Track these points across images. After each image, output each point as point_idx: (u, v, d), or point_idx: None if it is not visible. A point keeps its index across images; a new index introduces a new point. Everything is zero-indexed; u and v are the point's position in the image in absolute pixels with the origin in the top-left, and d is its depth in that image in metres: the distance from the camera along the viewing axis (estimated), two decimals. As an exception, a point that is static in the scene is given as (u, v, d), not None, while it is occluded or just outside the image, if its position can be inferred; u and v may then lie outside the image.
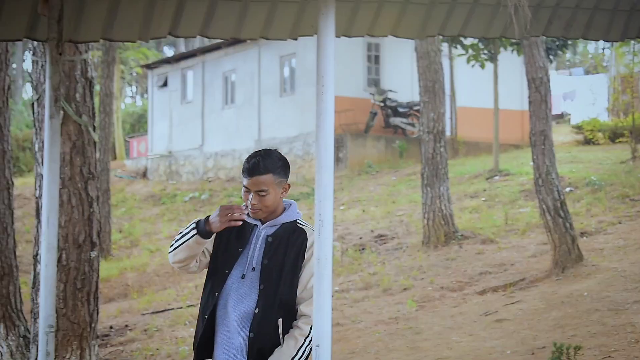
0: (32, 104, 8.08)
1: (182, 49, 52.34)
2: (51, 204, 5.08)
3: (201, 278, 16.20)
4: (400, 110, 28.61)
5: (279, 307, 4.69)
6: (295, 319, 4.73)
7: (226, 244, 4.86)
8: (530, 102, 12.93)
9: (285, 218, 4.86)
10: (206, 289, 4.88)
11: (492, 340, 9.82)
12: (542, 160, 12.68)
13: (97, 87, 24.89)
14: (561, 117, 35.84)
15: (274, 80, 30.29)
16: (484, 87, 27.92)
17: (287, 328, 4.70)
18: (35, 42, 7.89)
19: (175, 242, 4.77)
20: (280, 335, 4.68)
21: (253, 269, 4.75)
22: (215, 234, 4.82)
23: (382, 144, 28.15)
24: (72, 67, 7.69)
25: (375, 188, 23.65)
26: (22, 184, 28.84)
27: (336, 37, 4.49)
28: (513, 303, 11.43)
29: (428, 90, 16.08)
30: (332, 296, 7.86)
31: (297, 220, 4.89)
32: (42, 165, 7.80)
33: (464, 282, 13.15)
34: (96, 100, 8.86)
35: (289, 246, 4.77)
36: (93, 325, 7.63)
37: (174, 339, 11.97)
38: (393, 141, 28.11)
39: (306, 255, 4.76)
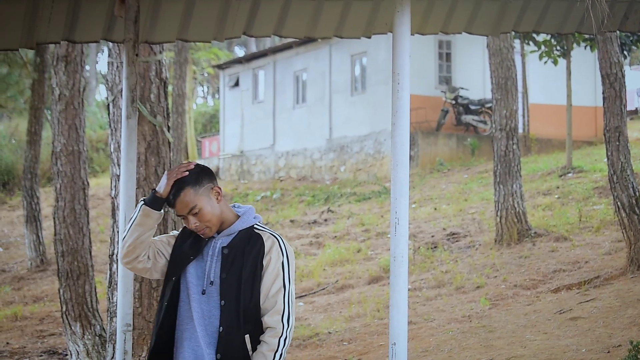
0: (107, 105, 8.18)
1: (254, 48, 52.62)
2: (128, 204, 5.15)
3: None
4: (472, 107, 28.44)
5: (244, 323, 4.44)
6: (263, 332, 4.48)
7: (179, 250, 4.60)
8: (604, 98, 12.74)
9: (240, 225, 4.56)
10: (162, 298, 4.63)
11: (567, 339, 9.71)
12: (616, 156, 12.49)
13: (169, 88, 25.14)
14: (635, 113, 35.25)
15: (345, 79, 30.29)
16: (556, 84, 27.61)
17: (256, 343, 4.46)
18: (111, 44, 7.99)
19: (125, 231, 4.54)
20: (250, 353, 4.45)
21: (211, 283, 4.49)
22: (174, 242, 4.60)
23: (454, 141, 28.00)
24: (147, 68, 7.77)
25: (446, 186, 23.52)
26: (95, 185, 29.18)
27: (410, 34, 4.48)
28: (587, 301, 11.28)
29: (500, 87, 15.95)
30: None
31: (255, 226, 4.59)
32: (117, 165, 7.91)
33: (538, 280, 13.01)
34: (169, 100, 8.97)
35: (245, 256, 4.48)
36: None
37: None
38: (465, 139, 27.95)
39: (264, 262, 4.47)
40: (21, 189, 27.14)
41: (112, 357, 7.74)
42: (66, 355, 12.21)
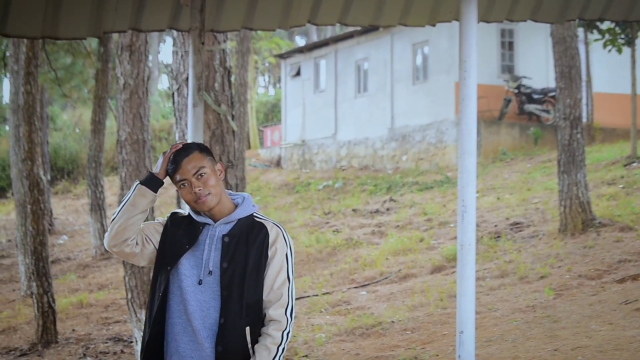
0: (172, 94, 8.25)
1: (315, 38, 52.64)
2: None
3: (336, 265, 16.33)
4: (535, 96, 28.20)
5: (245, 315, 4.23)
6: (264, 325, 4.29)
7: (172, 239, 4.37)
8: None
9: (240, 213, 4.35)
10: (153, 289, 4.42)
11: (633, 329, 9.59)
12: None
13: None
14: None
15: (407, 68, 30.19)
16: (620, 73, 27.23)
17: (256, 336, 4.27)
18: (175, 33, 8.05)
19: (115, 213, 4.31)
20: (249, 345, 4.25)
21: (210, 272, 4.27)
22: (162, 230, 4.40)
23: (517, 131, 27.79)
24: (211, 57, 7.82)
25: (509, 175, 23.36)
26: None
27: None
28: (654, 292, 11.17)
29: (564, 76, 15.78)
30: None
31: (254, 214, 4.40)
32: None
33: (603, 270, 12.87)
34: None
35: (250, 245, 4.28)
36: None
37: (310, 326, 12.07)
38: (527, 128, 27.72)
39: (269, 253, 4.29)
40: (85, 178, 27.47)
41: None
42: (131, 342, 12.35)
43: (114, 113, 26.13)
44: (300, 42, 61.71)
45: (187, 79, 7.88)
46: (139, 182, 4.32)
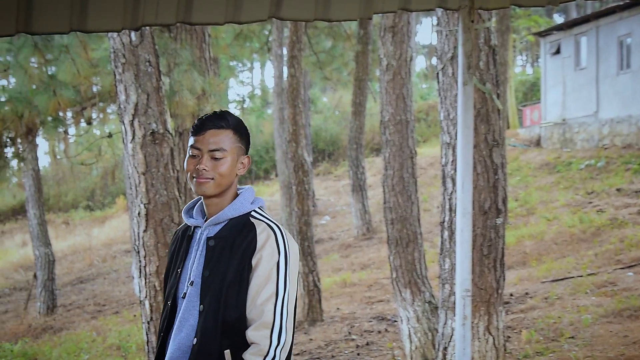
0: (437, 74, 8.22)
1: (574, 15, 51.26)
2: (465, 170, 5.15)
3: (600, 246, 15.85)
4: None
5: (222, 334, 3.60)
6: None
7: (172, 253, 3.95)
8: None
9: (231, 212, 3.74)
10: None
11: None
12: None
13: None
14: None
15: (673, 43, 28.92)
16: None
17: None
18: (440, 12, 8.03)
19: None
20: None
21: (191, 283, 3.72)
22: (169, 251, 3.97)
23: None
24: (476, 36, 7.74)
25: None
26: (418, 154, 29.55)
27: None
28: None
29: None
30: None
31: (252, 213, 3.76)
32: (447, 133, 7.95)
33: None
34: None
35: (234, 250, 3.65)
36: (499, 291, 7.67)
37: (575, 307, 11.79)
38: None
39: (253, 261, 3.61)
40: (346, 159, 27.96)
41: (445, 323, 7.82)
42: (395, 321, 12.48)
43: (373, 95, 26.46)
44: (559, 19, 60.30)
45: (451, 58, 7.84)
46: None
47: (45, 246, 20.48)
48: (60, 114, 13.75)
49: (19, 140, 14.26)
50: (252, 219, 3.72)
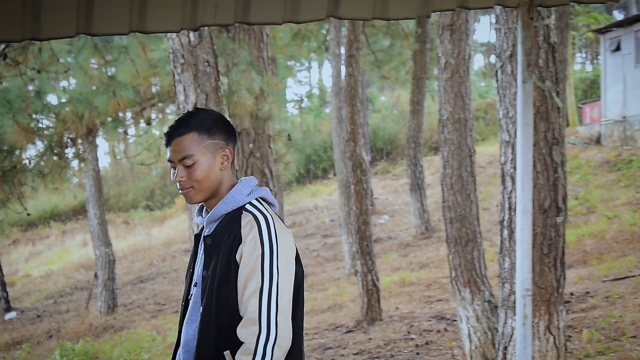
0: (495, 72, 8.17)
1: (634, 11, 50.62)
2: (525, 168, 5.11)
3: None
4: None
5: (218, 335, 3.47)
6: None
7: (189, 263, 3.85)
8: None
9: (224, 207, 3.62)
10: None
11: None
12: None
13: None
14: None
15: None
16: None
17: None
18: (498, 10, 7.97)
19: None
20: None
21: (195, 284, 3.65)
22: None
23: None
24: (535, 34, 7.68)
25: None
26: (477, 153, 29.40)
27: None
28: None
29: None
30: None
31: (246, 206, 3.61)
32: (507, 131, 7.89)
33: None
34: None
35: (222, 247, 3.53)
36: (560, 290, 7.60)
37: (636, 306, 11.64)
38: None
39: (237, 257, 3.46)
40: (404, 158, 27.88)
41: (504, 323, 7.77)
42: (454, 320, 12.43)
43: (431, 93, 26.38)
44: (619, 16, 59.60)
45: (510, 56, 7.79)
46: None
47: (106, 246, 20.71)
48: (120, 114, 13.89)
49: (79, 140, 14.43)
50: (243, 212, 3.57)
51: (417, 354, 11.21)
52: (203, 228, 3.74)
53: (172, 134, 3.59)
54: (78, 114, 12.91)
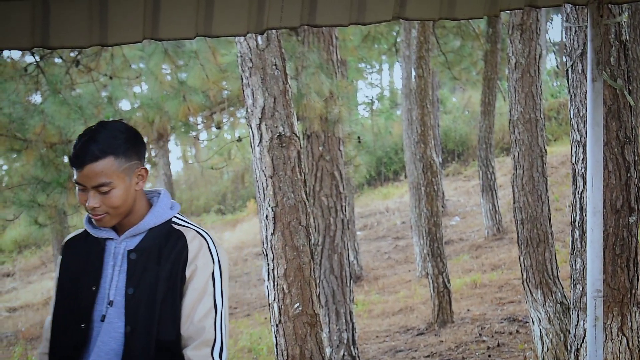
0: (566, 70, 8.09)
1: None
2: (595, 167, 5.06)
3: None
4: None
5: (156, 355, 3.25)
6: None
7: (69, 276, 3.46)
8: None
9: (151, 221, 3.40)
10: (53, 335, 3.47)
11: None
12: None
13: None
14: None
15: None
16: None
17: None
18: (569, 8, 7.89)
19: None
20: None
21: (110, 303, 3.32)
22: (59, 265, 3.46)
23: None
24: (606, 31, 7.58)
25: None
26: (549, 153, 29.12)
27: None
28: None
29: None
30: None
31: (173, 220, 3.45)
32: (577, 131, 7.80)
33: None
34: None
35: (162, 262, 3.31)
36: (633, 291, 7.48)
37: None
38: None
39: (187, 272, 3.30)
40: (475, 159, 27.70)
41: (577, 324, 7.68)
42: (526, 322, 12.32)
43: (502, 94, 26.21)
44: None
45: (581, 54, 7.70)
46: None
47: (179, 249, 20.88)
48: (191, 119, 14.02)
49: (150, 145, 14.59)
50: (175, 226, 3.41)
51: (489, 356, 11.13)
52: (94, 239, 3.46)
53: (84, 159, 3.26)
54: (149, 119, 13.05)
